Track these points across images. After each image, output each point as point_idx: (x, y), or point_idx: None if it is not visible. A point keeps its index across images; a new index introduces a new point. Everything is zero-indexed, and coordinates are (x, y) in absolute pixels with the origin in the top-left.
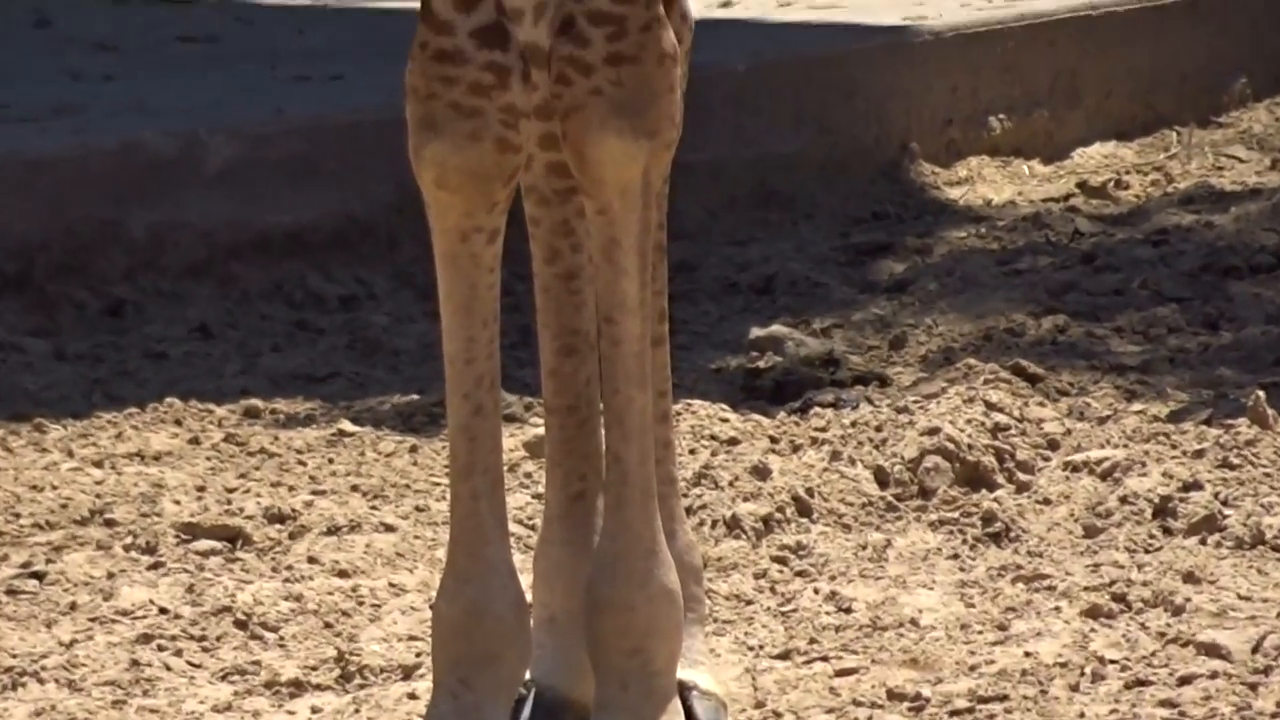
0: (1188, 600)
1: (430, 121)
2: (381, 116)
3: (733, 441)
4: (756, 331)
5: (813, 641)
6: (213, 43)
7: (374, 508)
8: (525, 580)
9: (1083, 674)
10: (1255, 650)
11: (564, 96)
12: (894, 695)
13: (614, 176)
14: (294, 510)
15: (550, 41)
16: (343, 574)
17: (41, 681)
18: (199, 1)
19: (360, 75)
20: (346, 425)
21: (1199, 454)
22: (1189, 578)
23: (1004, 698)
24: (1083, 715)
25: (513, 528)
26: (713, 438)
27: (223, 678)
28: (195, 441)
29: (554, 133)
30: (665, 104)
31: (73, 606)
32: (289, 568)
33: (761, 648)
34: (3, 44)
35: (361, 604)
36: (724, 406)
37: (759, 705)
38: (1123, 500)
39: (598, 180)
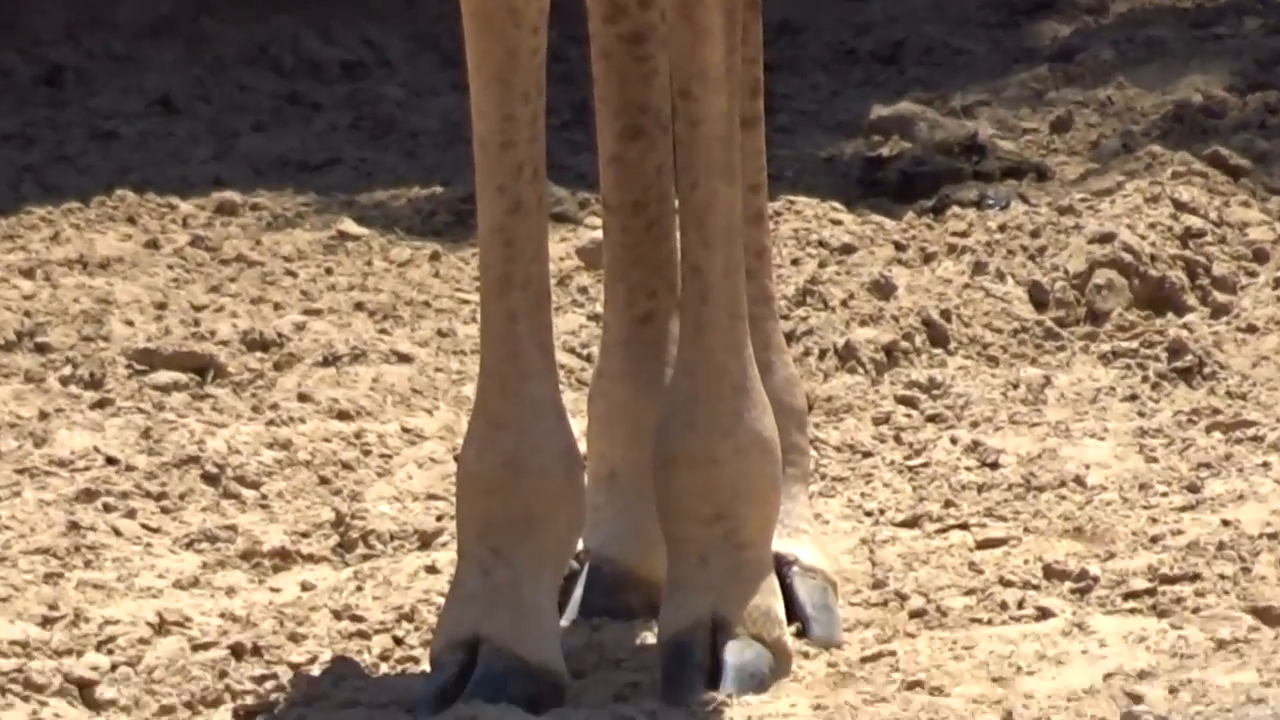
0: None
1: None
2: None
3: (847, 249)
4: (879, 110)
5: (948, 505)
6: None
7: (383, 331)
8: (577, 425)
9: None
10: None
11: None
12: (1053, 573)
13: None
14: (280, 334)
15: None
16: (343, 416)
17: None
18: None
19: None
20: (349, 225)
21: None
22: None
23: (1195, 577)
24: None
25: (562, 358)
26: (822, 244)
27: (187, 545)
28: (153, 245)
29: None
30: None
31: None
32: (274, 407)
33: (882, 513)
34: None
35: (367, 454)
36: (836, 205)
37: (878, 585)
38: None
39: None
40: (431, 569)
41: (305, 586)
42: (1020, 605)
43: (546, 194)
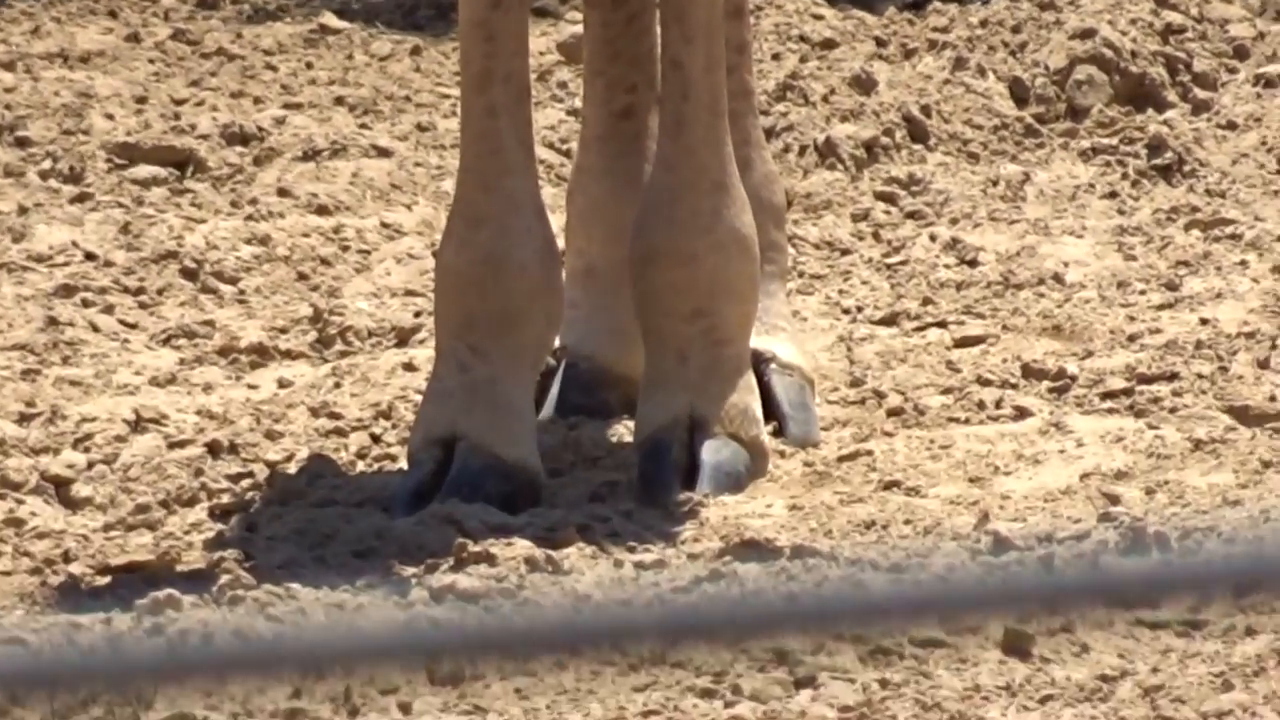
0: None
1: None
2: None
3: (828, 44)
4: None
5: (927, 302)
6: None
7: (363, 126)
8: (556, 221)
9: (1274, 347)
10: None
11: None
12: (1031, 372)
13: None
14: (260, 129)
15: None
16: (322, 210)
17: None
18: None
19: None
20: (330, 19)
21: None
22: None
23: (1172, 376)
24: (1273, 399)
25: (541, 153)
26: (803, 39)
27: (165, 341)
28: (134, 39)
29: None
30: None
31: None
32: (253, 202)
33: (860, 310)
34: None
35: (345, 249)
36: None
37: (855, 383)
38: None
39: None
40: (409, 366)
41: (282, 383)
42: (998, 405)
43: None
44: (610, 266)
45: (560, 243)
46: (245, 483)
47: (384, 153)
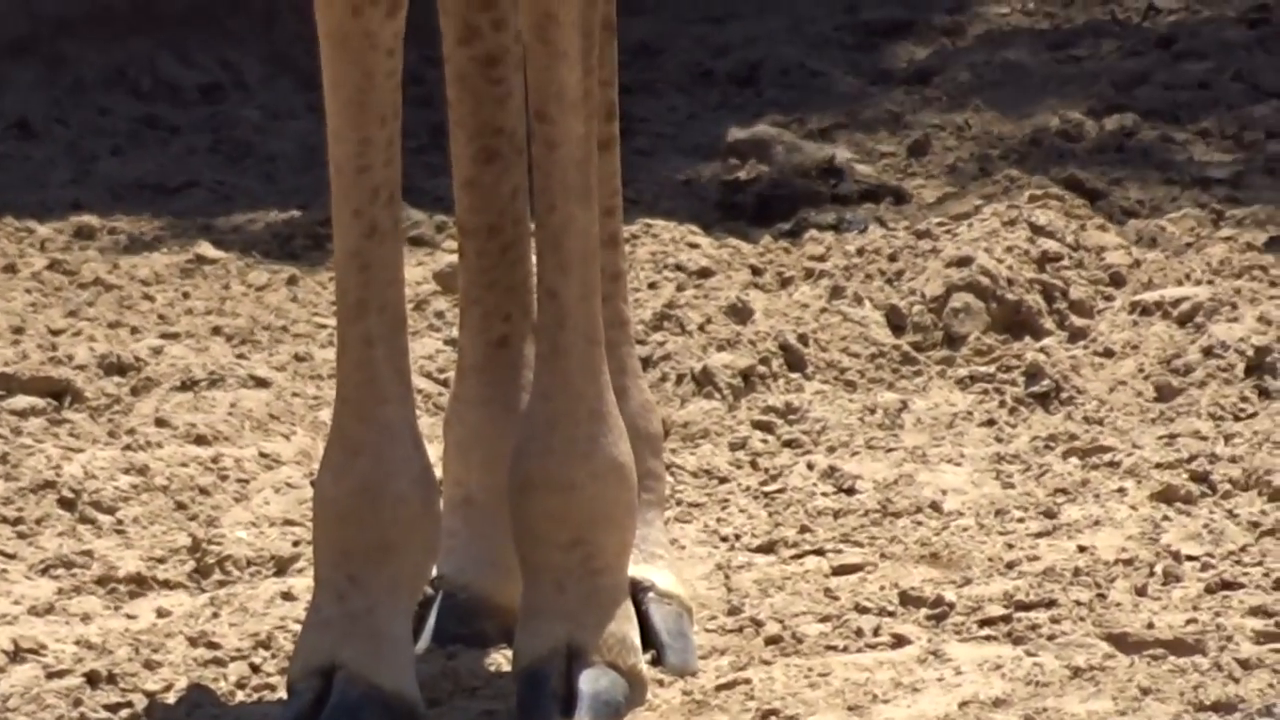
0: None
1: None
2: None
3: (705, 273)
4: (736, 133)
5: (804, 530)
6: None
7: (241, 356)
8: (434, 450)
9: (1152, 574)
10: None
11: None
12: (909, 600)
13: None
14: (137, 359)
15: None
16: (200, 440)
17: None
18: None
19: None
20: (207, 249)
21: None
22: None
23: (1050, 603)
24: (1151, 625)
25: (418, 382)
26: (679, 268)
27: (43, 571)
28: (11, 270)
29: None
30: None
31: None
32: (130, 432)
33: (738, 538)
34: None
35: (224, 479)
36: (694, 228)
37: (734, 611)
38: (1207, 352)
39: None
40: (288, 595)
41: (161, 613)
42: (876, 632)
43: (402, 217)
44: (488, 496)
45: (438, 472)
46: (124, 713)
47: (262, 383)
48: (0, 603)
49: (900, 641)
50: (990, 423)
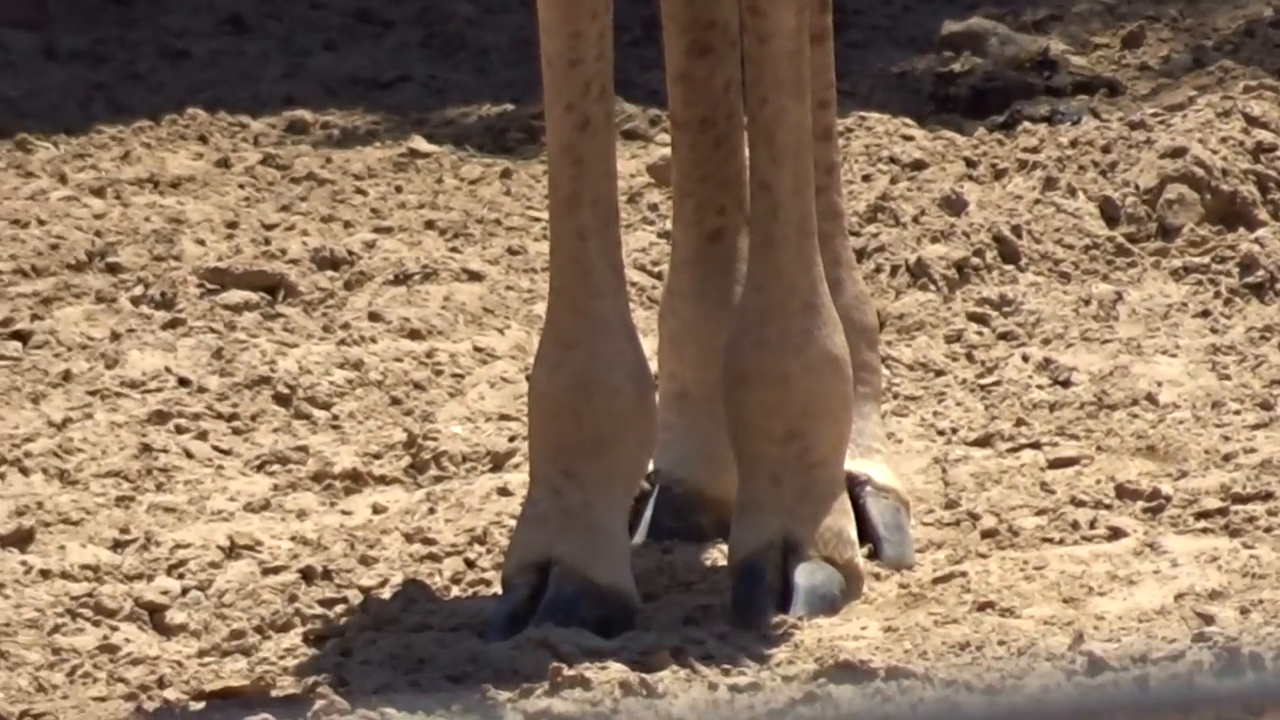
0: None
1: None
2: None
3: (918, 165)
4: (951, 25)
5: (1020, 424)
6: None
7: (454, 250)
8: (648, 344)
9: None
10: None
11: None
12: (1125, 493)
13: None
14: (351, 253)
15: None
16: (414, 335)
17: (25, 472)
18: None
19: None
20: (420, 143)
21: None
22: None
23: (1267, 495)
24: None
25: (633, 275)
26: (893, 160)
27: (259, 468)
28: (224, 164)
29: None
30: None
31: (66, 376)
32: (345, 326)
33: (955, 431)
34: None
35: (439, 374)
36: (908, 120)
37: (950, 505)
38: None
39: None
40: (504, 491)
41: (376, 509)
42: (1092, 525)
43: (614, 111)
44: (703, 390)
45: (653, 366)
46: (339, 608)
47: (475, 276)
48: (216, 499)
49: (1116, 534)
50: (1205, 314)
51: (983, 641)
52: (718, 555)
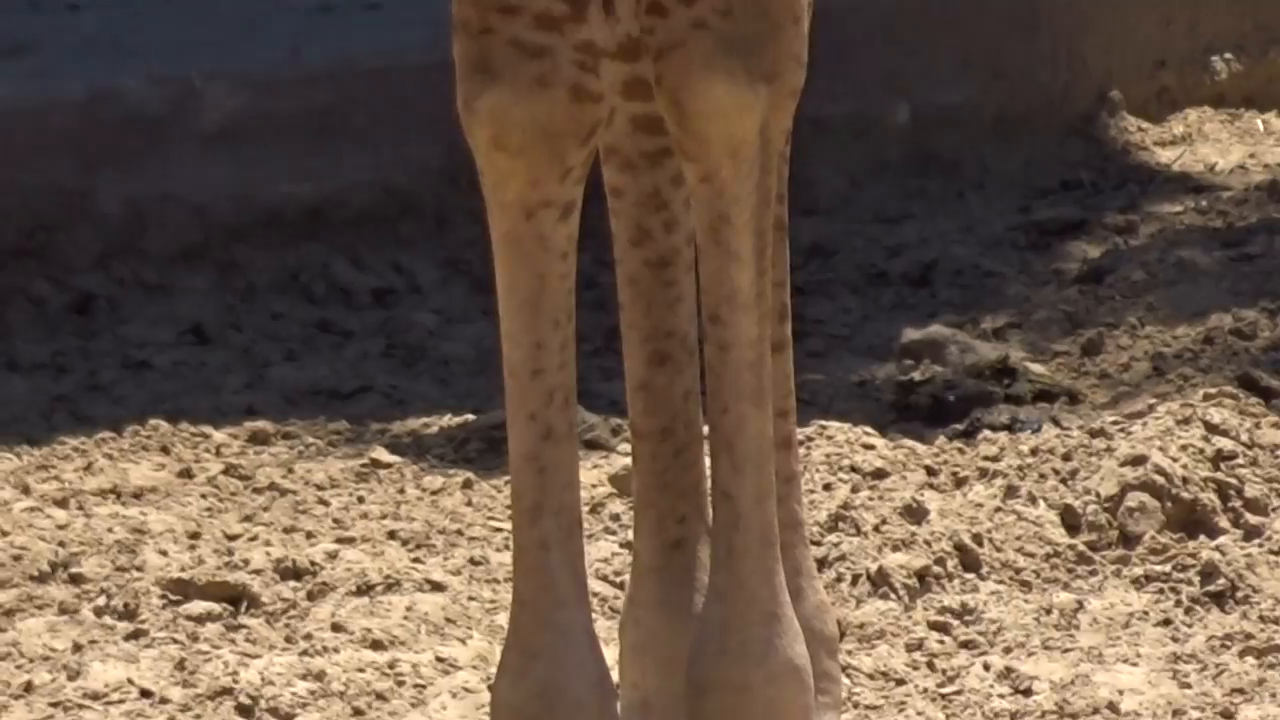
0: None
1: (485, 63)
2: (426, 58)
3: (879, 474)
4: (910, 334)
5: None
6: None
7: (417, 560)
8: (610, 654)
9: None
10: None
11: (657, 30)
12: None
13: (722, 133)
14: (313, 563)
15: None
16: (376, 645)
17: None
18: None
19: (398, 4)
20: (381, 454)
21: None
22: None
23: None
24: None
25: (594, 585)
26: (854, 469)
27: None
28: (187, 475)
29: (643, 78)
30: (788, 39)
31: (28, 688)
32: (307, 637)
33: None
34: None
35: (401, 684)
36: (868, 429)
37: None
38: None
39: (701, 138)
40: None
41: None
42: None
43: (577, 420)
44: (665, 699)
45: (615, 675)
46: None
47: (438, 587)
48: None
49: None
50: (1166, 622)
51: None
52: None
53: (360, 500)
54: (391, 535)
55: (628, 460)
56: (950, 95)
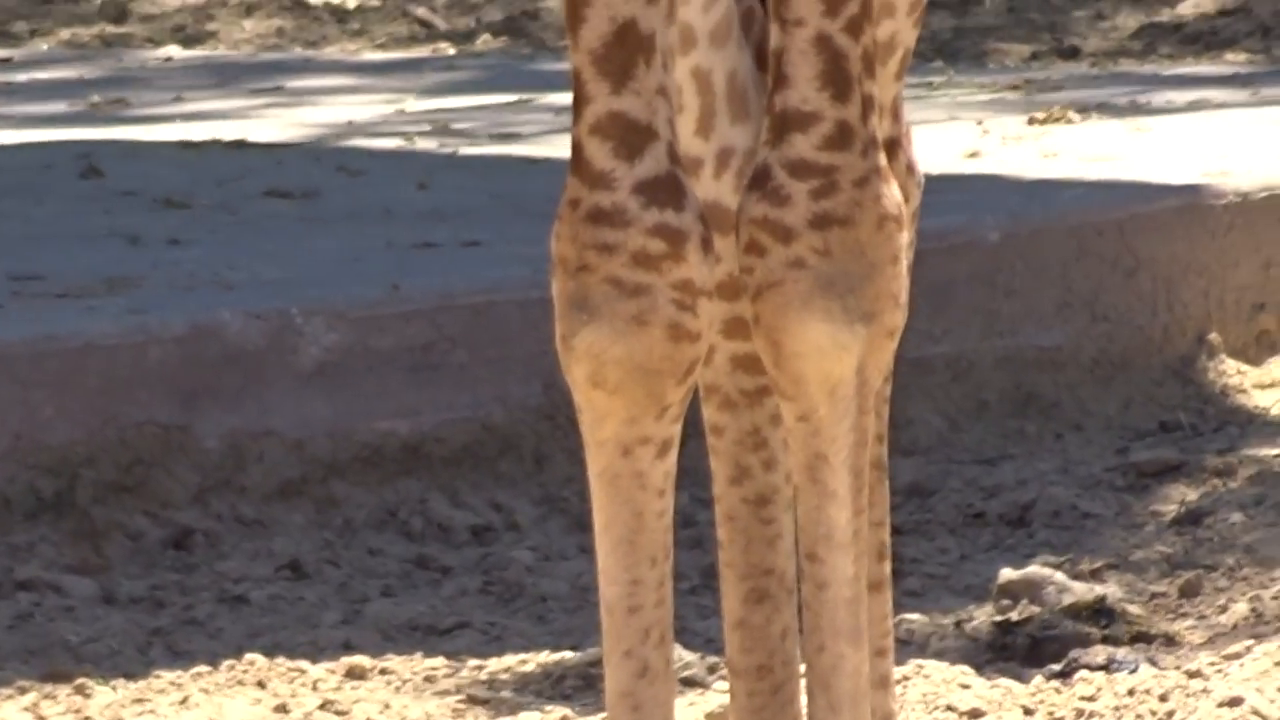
0: None
1: (583, 301)
2: (525, 294)
3: (976, 713)
4: (1008, 574)
5: None
6: (311, 199)
7: None
8: None
9: None
10: None
11: (756, 270)
12: None
13: (820, 372)
14: None
15: (739, 199)
16: None
17: None
18: (293, 146)
19: (498, 241)
20: (479, 690)
21: None
22: None
23: None
24: None
25: None
26: (950, 708)
27: None
28: (283, 710)
29: (742, 316)
30: (886, 279)
31: None
32: None
33: None
34: (42, 198)
35: None
36: (965, 669)
37: None
38: None
39: (799, 378)
40: None
41: None
42: None
43: (673, 658)
44: None
45: None
46: None
47: None
48: None
49: None
50: None
51: None
52: None
53: None
54: None
55: (724, 698)
56: (1049, 337)
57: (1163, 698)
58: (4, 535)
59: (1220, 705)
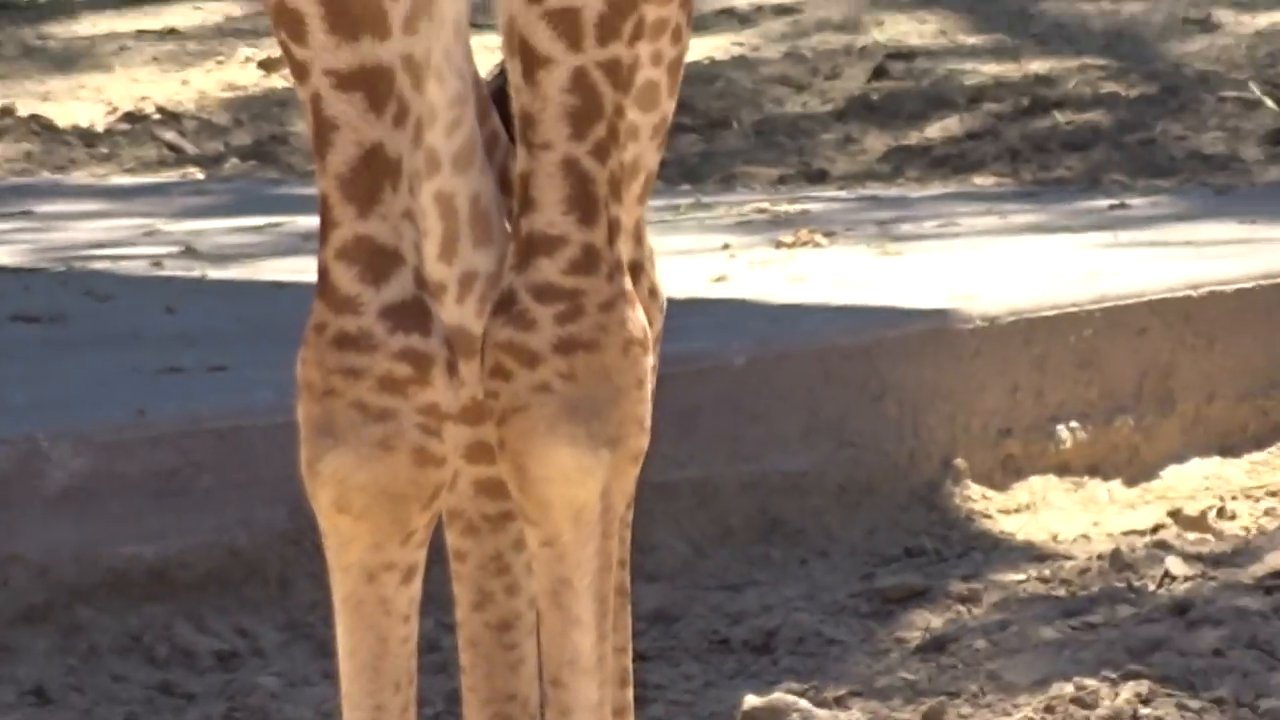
0: None
1: (329, 426)
2: (271, 419)
3: None
4: (752, 701)
5: None
6: (58, 323)
7: None
8: None
9: None
10: None
11: (501, 394)
12: None
13: (565, 497)
14: None
15: (483, 323)
16: None
17: None
18: (40, 271)
19: (245, 365)
20: None
21: None
22: None
23: None
24: None
25: None
26: None
27: None
28: None
29: (486, 441)
30: (631, 404)
31: None
32: None
33: None
34: None
35: None
36: None
37: None
38: None
39: (544, 503)
40: None
41: None
42: None
43: None
44: None
45: None
46: None
47: None
48: None
49: None
50: None
51: None
52: None
53: None
54: None
55: None
56: (795, 462)
57: None
58: None
59: None
